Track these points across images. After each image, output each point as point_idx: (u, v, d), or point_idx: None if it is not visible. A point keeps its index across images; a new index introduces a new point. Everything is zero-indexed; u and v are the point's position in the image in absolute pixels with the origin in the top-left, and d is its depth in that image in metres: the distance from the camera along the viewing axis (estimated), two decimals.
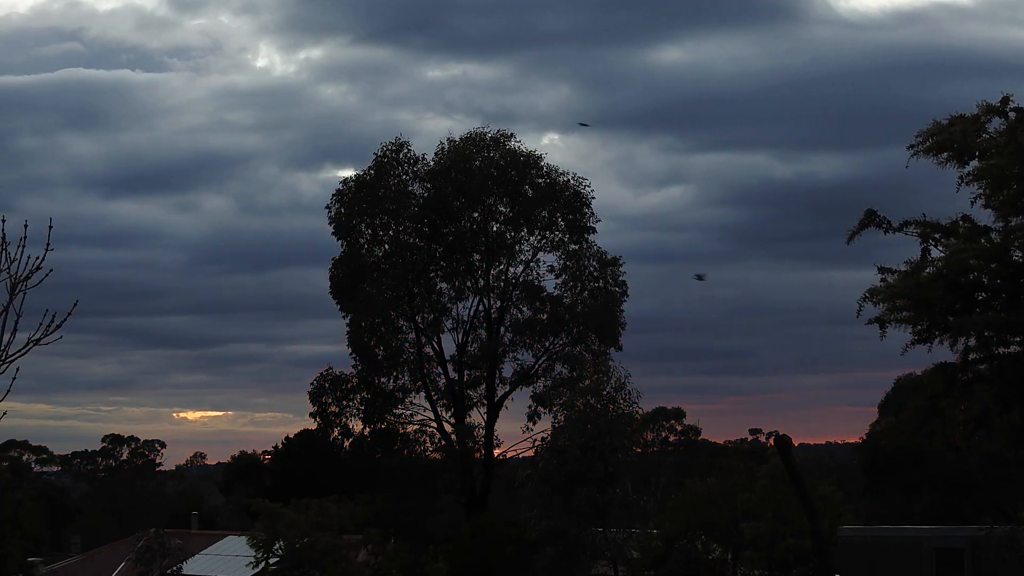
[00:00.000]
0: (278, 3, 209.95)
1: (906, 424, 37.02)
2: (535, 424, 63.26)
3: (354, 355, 65.39)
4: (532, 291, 66.05)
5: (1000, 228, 29.35)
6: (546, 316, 65.53)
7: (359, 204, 65.18)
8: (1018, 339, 29.29)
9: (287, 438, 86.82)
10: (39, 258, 12.04)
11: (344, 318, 65.69)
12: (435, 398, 66.41)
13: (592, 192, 66.20)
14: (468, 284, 67.16)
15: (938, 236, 29.73)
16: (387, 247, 66.04)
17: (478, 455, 66.08)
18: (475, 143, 66.12)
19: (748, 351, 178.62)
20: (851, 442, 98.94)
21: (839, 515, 45.84)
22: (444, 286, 67.34)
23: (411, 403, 66.30)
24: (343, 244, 66.17)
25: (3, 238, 11.97)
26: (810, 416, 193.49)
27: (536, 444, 53.39)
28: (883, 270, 30.20)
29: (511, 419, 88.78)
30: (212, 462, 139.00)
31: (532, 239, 66.46)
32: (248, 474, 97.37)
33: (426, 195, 65.73)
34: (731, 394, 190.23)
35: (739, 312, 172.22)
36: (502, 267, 66.72)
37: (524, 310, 66.27)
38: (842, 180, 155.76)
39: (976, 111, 29.69)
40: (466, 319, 66.91)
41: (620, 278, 65.95)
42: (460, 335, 66.80)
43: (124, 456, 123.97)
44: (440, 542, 57.02)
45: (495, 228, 66.51)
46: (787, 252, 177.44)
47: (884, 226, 30.24)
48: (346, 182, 66.03)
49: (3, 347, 11.92)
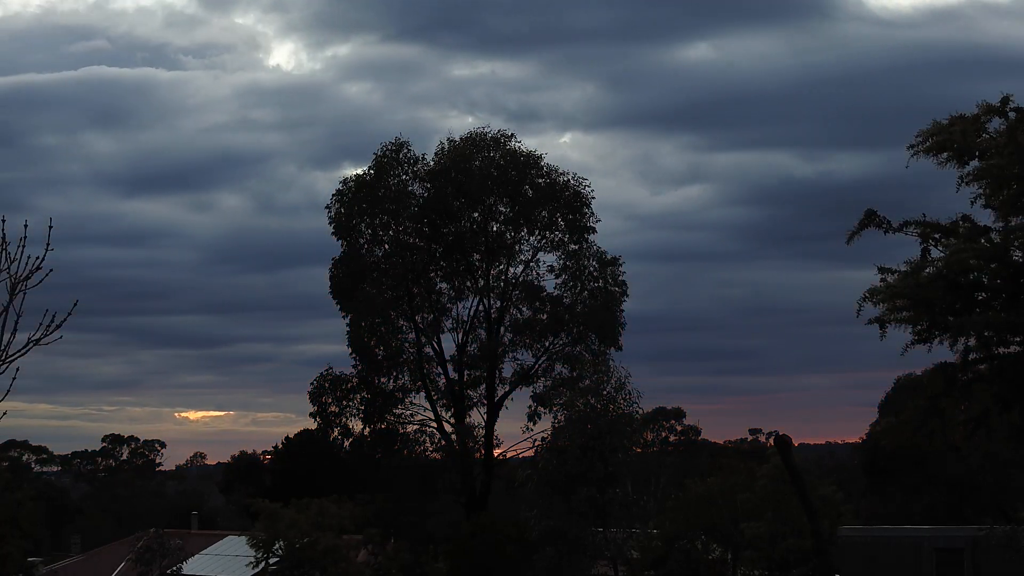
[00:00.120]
0: (307, 1, 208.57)
1: (906, 424, 37.00)
2: (535, 424, 63.35)
3: (354, 355, 65.44)
4: (532, 291, 66.07)
5: (1000, 228, 29.34)
6: (546, 316, 65.54)
7: (359, 204, 65.19)
8: (1018, 339, 29.28)
9: (287, 438, 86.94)
10: (39, 258, 12.03)
11: (344, 318, 65.79)
12: (435, 398, 66.45)
13: (592, 192, 66.32)
14: (468, 284, 67.18)
15: (938, 236, 29.72)
16: (387, 247, 66.04)
17: (478, 455, 66.08)
18: (475, 143, 66.13)
19: (754, 351, 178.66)
20: (851, 442, 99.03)
21: (839, 515, 45.94)
22: (444, 286, 67.37)
23: (411, 403, 66.38)
24: (343, 244, 66.22)
25: (3, 238, 11.96)
26: (811, 416, 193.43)
27: (536, 444, 53.49)
28: (883, 270, 30.19)
29: (511, 419, 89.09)
30: (212, 462, 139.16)
31: (532, 239, 66.50)
32: (248, 474, 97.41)
33: (426, 195, 65.74)
34: (733, 394, 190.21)
35: (750, 312, 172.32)
36: (502, 267, 66.74)
37: (524, 310, 66.29)
38: (864, 179, 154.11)
39: (976, 111, 29.69)
40: (466, 319, 67.01)
41: (620, 278, 65.99)
42: (460, 335, 66.88)
43: (124, 456, 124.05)
44: (440, 542, 57.02)
45: (495, 228, 66.52)
46: (802, 252, 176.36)
47: (884, 226, 30.22)
48: (346, 182, 66.09)
49: (3, 347, 11.91)
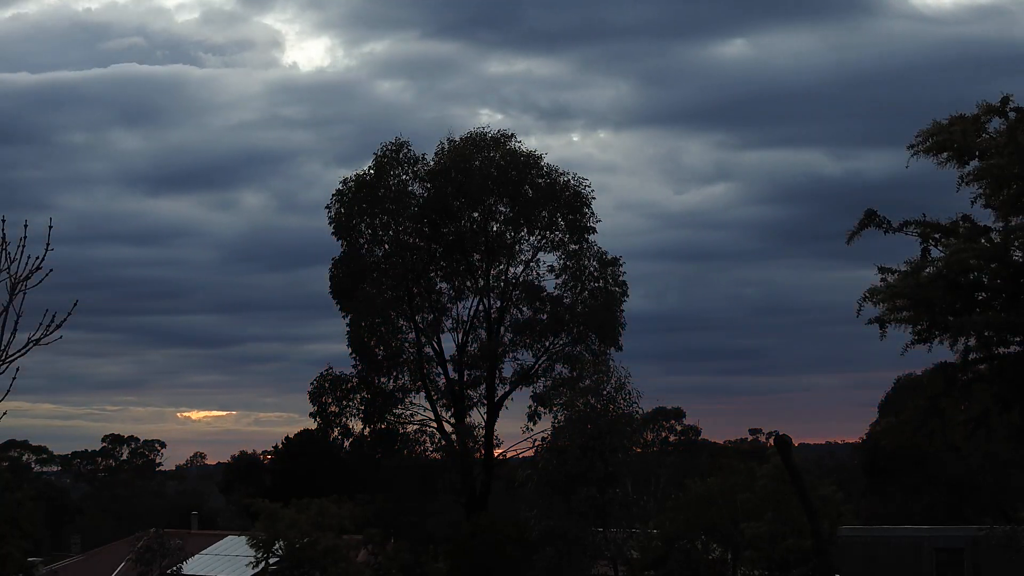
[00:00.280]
0: None
1: (906, 424, 36.96)
2: (535, 424, 63.39)
3: (354, 355, 65.45)
4: (532, 291, 66.07)
5: (1000, 228, 29.34)
6: (546, 316, 65.55)
7: (359, 204, 65.19)
8: (1018, 339, 29.28)
9: (287, 438, 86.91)
10: (39, 258, 12.02)
11: (344, 318, 65.80)
12: (435, 398, 66.47)
13: (592, 192, 66.33)
14: (468, 284, 67.20)
15: (938, 236, 29.72)
16: (387, 247, 66.04)
17: (478, 455, 66.08)
18: (475, 143, 66.14)
19: (761, 351, 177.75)
20: (851, 442, 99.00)
21: (839, 515, 45.91)
22: (444, 286, 67.40)
23: (411, 403, 66.42)
24: (343, 244, 66.21)
25: (3, 238, 11.95)
26: (811, 416, 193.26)
27: (536, 444, 53.52)
28: (883, 270, 30.18)
29: (511, 419, 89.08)
30: (212, 462, 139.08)
31: (532, 239, 66.52)
32: (248, 474, 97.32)
33: (426, 195, 65.74)
34: (735, 394, 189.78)
35: (762, 311, 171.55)
36: (502, 267, 66.75)
37: (524, 310, 66.31)
38: (893, 178, 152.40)
39: (976, 111, 29.69)
40: (466, 319, 67.04)
41: (620, 278, 66.02)
42: (460, 335, 66.90)
43: (124, 456, 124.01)
44: (440, 542, 57.02)
45: (495, 228, 66.53)
46: (822, 251, 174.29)
47: (884, 226, 30.22)
48: (346, 182, 66.05)
49: (3, 347, 11.90)
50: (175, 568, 57.22)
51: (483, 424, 66.19)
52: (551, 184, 65.50)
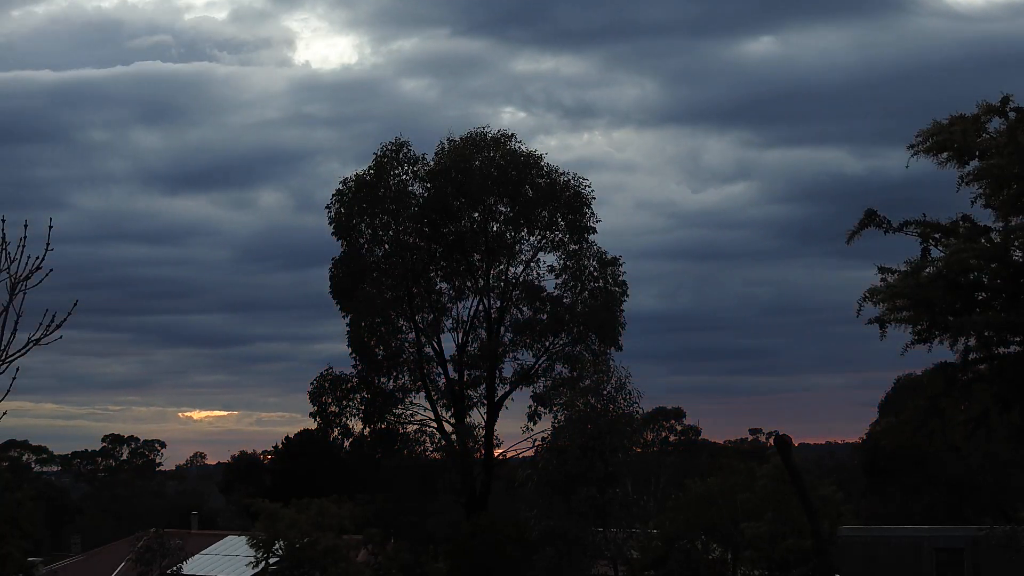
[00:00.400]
0: None
1: (906, 424, 36.95)
2: (535, 424, 63.40)
3: (354, 355, 65.44)
4: (532, 291, 66.08)
5: (1000, 228, 29.32)
6: (546, 316, 65.56)
7: (359, 204, 65.18)
8: (1018, 339, 29.27)
9: (287, 438, 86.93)
10: (39, 258, 12.01)
11: (344, 318, 65.79)
12: (435, 398, 66.47)
13: (592, 192, 66.33)
14: (468, 284, 67.20)
15: (938, 236, 29.71)
16: (387, 247, 66.03)
17: (478, 455, 66.08)
18: (475, 143, 66.14)
19: (767, 350, 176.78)
20: (851, 442, 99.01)
21: (839, 515, 45.90)
22: (444, 286, 67.40)
23: (411, 403, 66.42)
24: (343, 244, 66.20)
25: (3, 238, 11.94)
26: (811, 416, 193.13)
27: (536, 444, 53.52)
28: (883, 270, 30.17)
29: (511, 419, 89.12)
30: (212, 462, 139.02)
31: (532, 239, 66.52)
32: (248, 474, 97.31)
33: (426, 195, 65.73)
34: (737, 394, 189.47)
35: (772, 311, 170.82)
36: (502, 267, 66.75)
37: (524, 310, 66.31)
38: (915, 177, 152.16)
39: (976, 111, 29.68)
40: (466, 319, 67.04)
41: (620, 278, 66.02)
42: (460, 335, 66.90)
43: (124, 456, 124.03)
44: (440, 542, 57.02)
45: (495, 228, 66.53)
46: (836, 250, 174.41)
47: (884, 226, 30.20)
48: (346, 182, 66.03)
49: (3, 347, 11.90)
50: (175, 568, 57.21)
51: (483, 424, 66.23)
52: (551, 184, 65.50)
